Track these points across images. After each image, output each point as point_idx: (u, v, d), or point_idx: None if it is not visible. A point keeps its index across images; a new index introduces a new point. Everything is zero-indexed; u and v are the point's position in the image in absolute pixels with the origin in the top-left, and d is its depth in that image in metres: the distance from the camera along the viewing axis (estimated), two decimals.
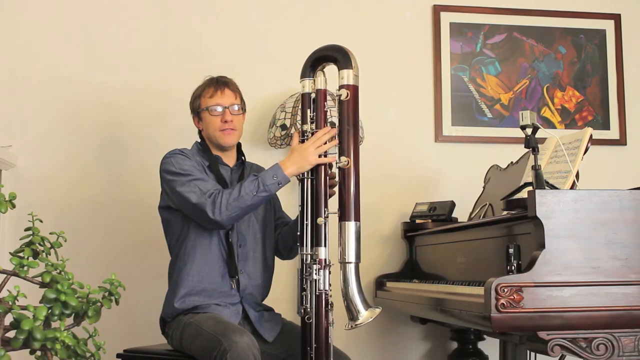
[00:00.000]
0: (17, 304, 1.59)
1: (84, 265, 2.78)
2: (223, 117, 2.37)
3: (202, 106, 2.39)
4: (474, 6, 3.37)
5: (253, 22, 3.24)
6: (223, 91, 2.39)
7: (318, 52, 2.23)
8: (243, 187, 2.19)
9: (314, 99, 2.21)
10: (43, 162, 3.05)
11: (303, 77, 2.23)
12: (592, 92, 3.42)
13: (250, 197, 2.18)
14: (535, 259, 1.84)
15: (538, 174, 2.01)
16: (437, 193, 3.22)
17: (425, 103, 3.31)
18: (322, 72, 2.24)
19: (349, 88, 2.14)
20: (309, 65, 2.23)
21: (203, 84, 2.43)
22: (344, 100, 2.14)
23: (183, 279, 2.30)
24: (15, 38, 3.09)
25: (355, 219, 2.09)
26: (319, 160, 2.18)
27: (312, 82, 2.22)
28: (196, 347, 2.14)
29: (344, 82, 2.14)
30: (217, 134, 2.37)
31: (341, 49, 2.18)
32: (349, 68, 2.14)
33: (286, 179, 2.20)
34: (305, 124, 2.21)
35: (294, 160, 2.19)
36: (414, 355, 3.19)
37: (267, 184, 2.19)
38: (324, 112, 2.21)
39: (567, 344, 1.83)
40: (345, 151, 2.13)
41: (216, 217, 2.18)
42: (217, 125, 2.37)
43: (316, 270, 2.10)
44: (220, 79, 2.43)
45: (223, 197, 2.18)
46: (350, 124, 2.13)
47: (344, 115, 2.14)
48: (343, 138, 2.14)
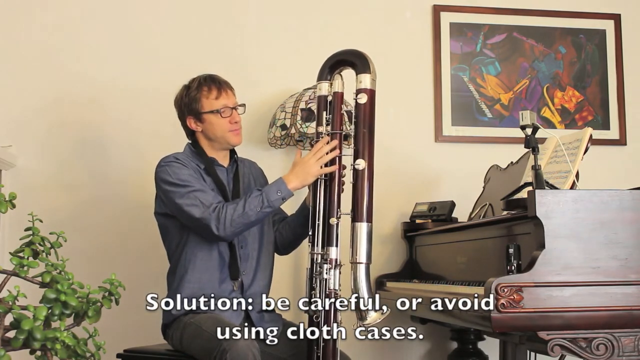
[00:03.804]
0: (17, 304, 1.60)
1: (84, 265, 2.78)
2: (232, 118, 2.37)
3: (205, 108, 2.37)
4: (474, 6, 3.37)
5: (253, 21, 3.24)
6: (227, 92, 2.39)
7: (336, 55, 2.27)
8: (247, 203, 2.20)
9: (329, 101, 2.25)
10: (43, 162, 3.05)
11: (320, 79, 2.27)
12: (592, 92, 3.42)
13: (255, 213, 2.20)
14: (535, 259, 1.84)
15: (538, 174, 2.01)
16: (437, 193, 3.21)
17: (425, 103, 3.30)
18: (340, 76, 2.27)
19: (366, 92, 2.18)
20: (327, 68, 2.26)
21: (197, 84, 2.39)
22: (360, 104, 2.18)
23: (184, 286, 2.29)
24: (15, 38, 3.09)
25: (367, 220, 2.12)
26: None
27: (329, 85, 2.26)
28: (196, 347, 2.14)
29: (362, 86, 2.19)
30: (227, 134, 2.37)
31: (359, 53, 2.22)
32: (367, 72, 2.19)
33: (290, 193, 2.23)
34: (321, 126, 2.25)
35: (297, 174, 2.22)
36: (414, 355, 3.19)
37: (272, 199, 2.21)
38: (340, 115, 2.24)
39: (567, 344, 1.83)
40: (361, 153, 2.17)
41: (220, 233, 2.20)
42: (227, 127, 2.37)
43: (327, 270, 2.12)
44: (219, 78, 2.41)
45: (227, 213, 2.19)
46: (367, 127, 2.18)
47: (360, 118, 2.18)
48: (359, 140, 2.18)
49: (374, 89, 2.20)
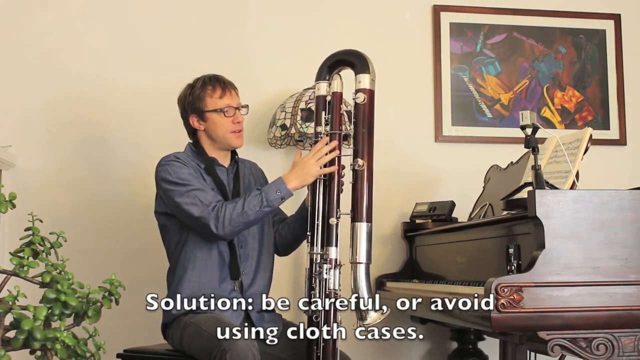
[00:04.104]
0: (17, 304, 1.60)
1: (84, 265, 2.78)
2: (235, 118, 2.38)
3: (209, 107, 2.37)
4: (474, 6, 3.36)
5: (253, 21, 3.24)
6: (231, 92, 2.40)
7: (335, 55, 2.26)
8: (247, 203, 2.20)
9: (328, 101, 2.24)
10: (43, 162, 3.05)
11: (318, 79, 2.26)
12: (592, 92, 3.42)
13: (254, 212, 2.20)
14: (535, 259, 1.84)
15: (538, 174, 2.01)
16: (437, 193, 3.21)
17: (425, 103, 3.30)
18: (339, 76, 2.27)
19: (365, 92, 2.18)
20: (326, 68, 2.26)
21: (202, 83, 2.40)
22: (360, 104, 2.18)
23: (184, 285, 2.29)
24: (15, 38, 3.09)
25: (367, 220, 2.12)
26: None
27: (327, 85, 2.25)
28: (196, 347, 2.14)
29: (361, 86, 2.19)
30: (229, 135, 2.37)
31: (359, 53, 2.22)
32: (366, 73, 2.19)
33: (289, 193, 2.23)
34: (319, 126, 2.24)
35: (297, 175, 2.22)
36: (414, 355, 3.19)
37: (271, 199, 2.21)
38: (339, 115, 2.24)
39: (567, 344, 1.83)
40: (360, 153, 2.17)
41: (219, 232, 2.20)
42: (229, 127, 2.37)
43: (327, 270, 2.12)
44: (223, 78, 2.42)
45: (226, 212, 2.19)
46: (366, 127, 2.18)
47: (359, 118, 2.18)
48: (358, 140, 2.18)
49: (373, 89, 2.20)
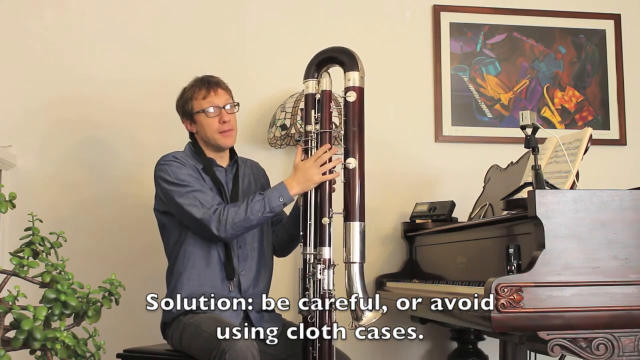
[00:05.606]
0: (17, 304, 1.60)
1: (84, 265, 2.77)
2: (221, 117, 2.35)
3: (195, 109, 2.36)
4: (474, 6, 3.37)
5: (252, 21, 3.24)
6: (216, 91, 2.37)
7: (323, 53, 2.23)
8: (250, 208, 2.20)
9: (318, 99, 2.22)
10: (43, 162, 3.05)
11: (307, 77, 2.23)
12: (592, 92, 3.42)
13: (257, 217, 2.20)
14: (535, 259, 1.84)
15: (538, 174, 2.01)
16: (437, 193, 3.21)
17: (425, 103, 3.30)
18: (328, 74, 2.24)
19: (355, 90, 2.15)
20: (314, 66, 2.23)
21: (191, 85, 2.40)
22: (350, 102, 2.15)
23: (183, 283, 2.29)
24: (15, 38, 3.09)
25: (360, 220, 2.11)
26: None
27: (316, 83, 2.23)
28: (195, 347, 2.14)
29: (350, 84, 2.16)
30: (216, 136, 2.36)
31: (347, 51, 2.19)
32: (355, 70, 2.16)
33: (291, 199, 2.23)
34: (309, 125, 2.22)
35: (299, 181, 2.20)
36: (414, 355, 3.19)
37: (273, 205, 2.21)
38: (329, 113, 2.21)
39: (567, 344, 1.83)
40: (351, 152, 2.14)
41: (220, 234, 2.20)
42: (215, 127, 2.35)
43: (320, 270, 2.11)
44: (210, 78, 2.40)
45: (229, 216, 2.19)
46: (356, 125, 2.15)
47: (349, 116, 2.16)
48: (349, 139, 2.15)
49: (363, 86, 2.17)
